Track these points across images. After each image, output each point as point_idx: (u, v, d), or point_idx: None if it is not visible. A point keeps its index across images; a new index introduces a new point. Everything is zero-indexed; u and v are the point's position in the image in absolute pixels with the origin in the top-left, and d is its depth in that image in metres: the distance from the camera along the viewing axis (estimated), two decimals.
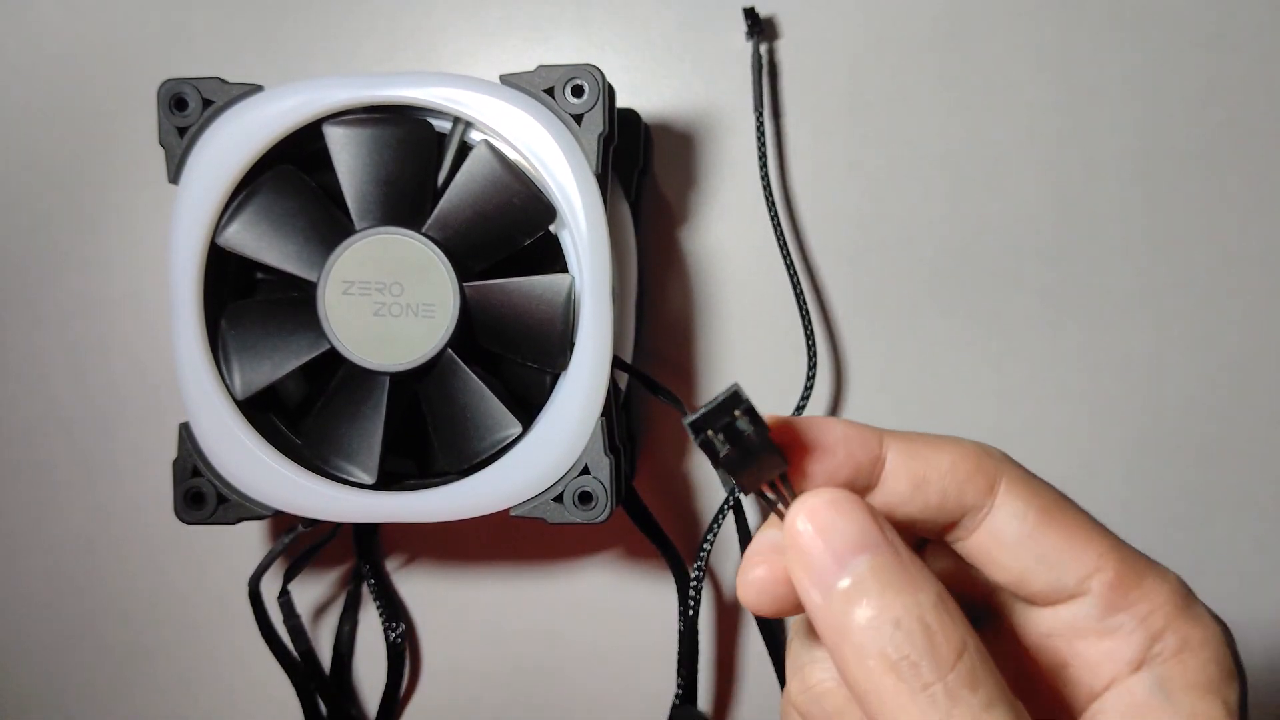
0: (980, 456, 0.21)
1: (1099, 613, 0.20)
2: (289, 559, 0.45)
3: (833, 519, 0.19)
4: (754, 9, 0.44)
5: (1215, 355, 0.44)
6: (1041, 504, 0.20)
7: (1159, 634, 0.20)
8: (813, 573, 0.19)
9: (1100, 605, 0.20)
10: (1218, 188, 0.44)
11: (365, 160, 0.37)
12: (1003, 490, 0.20)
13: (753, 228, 0.46)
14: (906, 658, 0.17)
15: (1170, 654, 0.20)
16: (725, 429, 0.20)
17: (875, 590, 0.18)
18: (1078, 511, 0.21)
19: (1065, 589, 0.20)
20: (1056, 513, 0.20)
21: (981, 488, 0.20)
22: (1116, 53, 0.45)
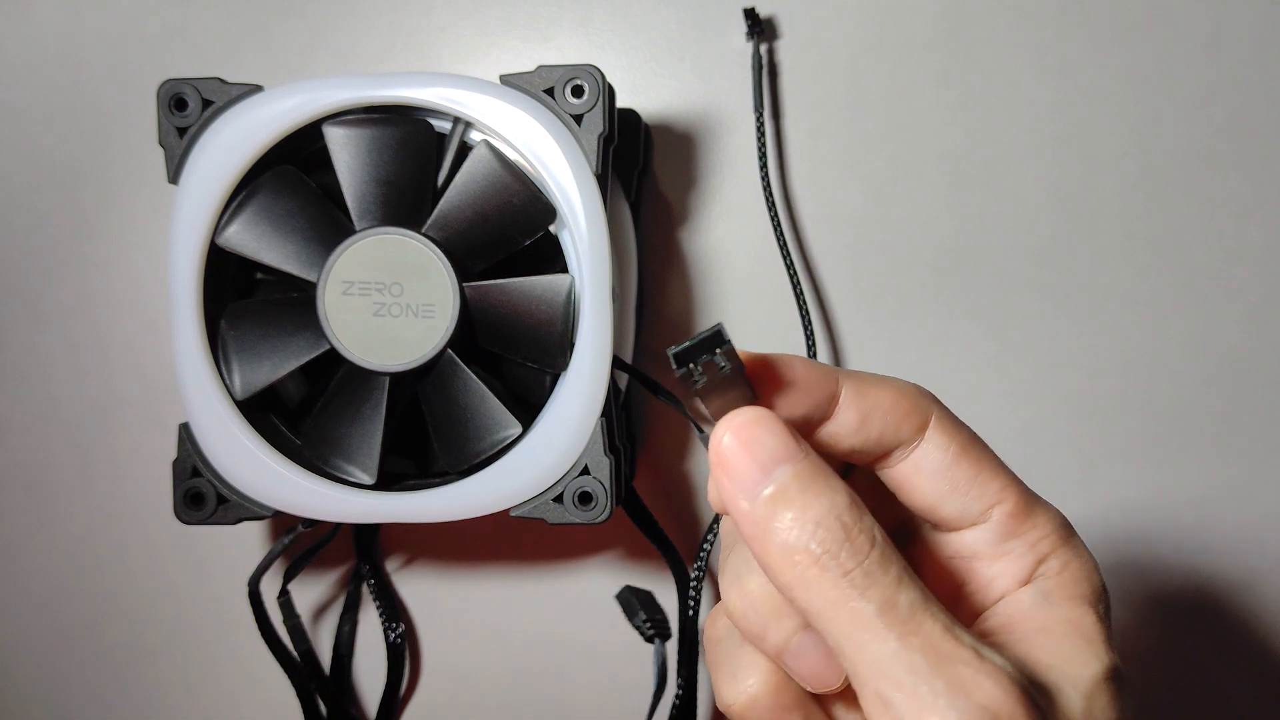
0: (917, 397, 0.24)
1: (997, 538, 0.23)
2: (289, 559, 0.45)
3: (756, 434, 0.21)
4: (754, 10, 0.44)
5: (1215, 355, 0.44)
6: (961, 441, 0.24)
7: (1044, 557, 0.23)
8: (739, 482, 0.21)
9: (998, 531, 0.23)
10: (1217, 187, 0.44)
11: (365, 160, 0.37)
12: (932, 427, 0.24)
13: (753, 228, 0.46)
14: (828, 551, 0.20)
15: (1053, 573, 0.23)
16: (705, 364, 0.22)
17: (796, 494, 0.21)
18: (989, 452, 0.24)
19: (970, 516, 0.24)
20: (973, 450, 0.24)
21: (915, 424, 0.24)
22: (1116, 53, 0.45)
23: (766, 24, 0.45)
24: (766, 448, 0.21)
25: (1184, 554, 0.45)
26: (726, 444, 0.21)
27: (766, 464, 0.21)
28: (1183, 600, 0.45)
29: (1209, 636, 0.44)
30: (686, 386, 0.22)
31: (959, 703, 0.19)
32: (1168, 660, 0.44)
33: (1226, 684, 0.44)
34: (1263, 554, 0.44)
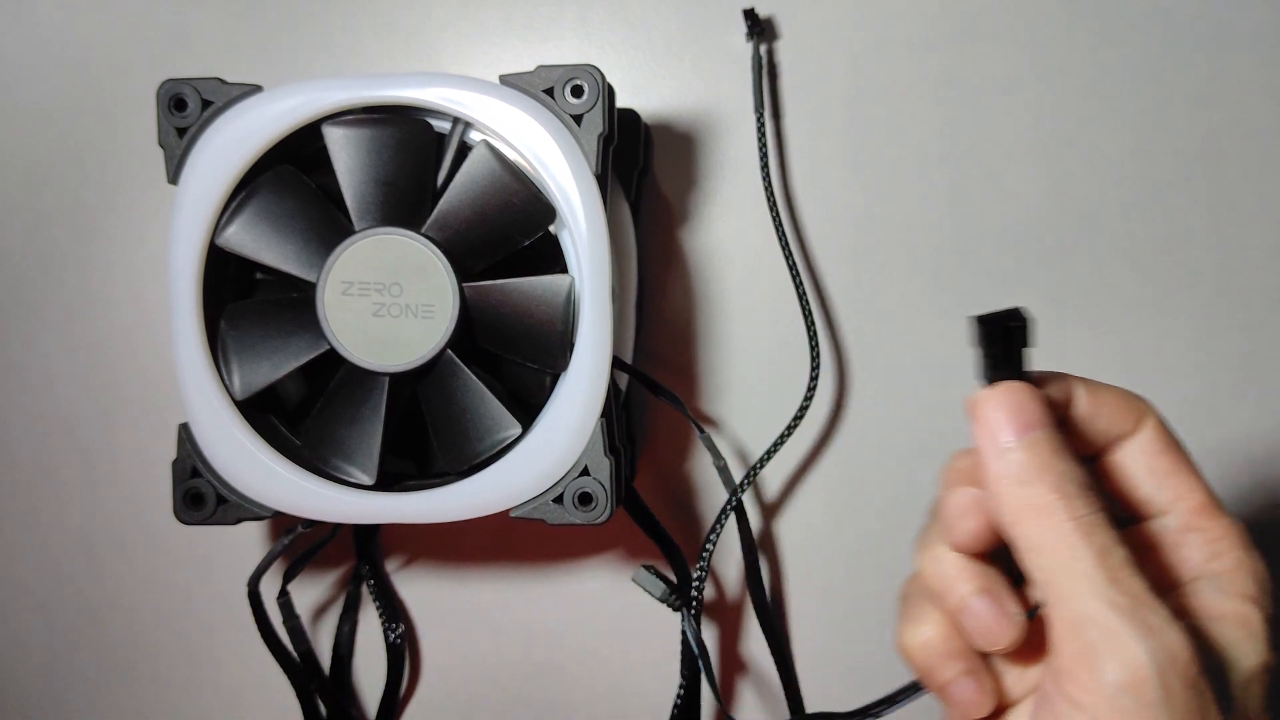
0: (1137, 399, 0.28)
1: (1178, 528, 0.27)
2: (288, 560, 0.45)
3: (1024, 399, 0.26)
4: (754, 10, 0.44)
5: (1215, 355, 0.44)
6: (1167, 441, 0.27)
7: (1220, 554, 0.26)
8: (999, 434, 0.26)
9: (1180, 522, 0.27)
10: (1218, 188, 0.44)
11: (364, 161, 0.37)
12: (1147, 423, 0.27)
13: (752, 228, 0.46)
14: (1066, 497, 0.25)
15: (1227, 570, 0.26)
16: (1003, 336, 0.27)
17: (1048, 453, 0.25)
18: (1187, 456, 0.28)
19: (1160, 504, 0.27)
20: (1174, 451, 0.27)
21: (1133, 420, 0.28)
22: (1115, 53, 0.45)
23: (766, 24, 0.45)
24: (1026, 413, 0.26)
25: None
26: (996, 403, 0.26)
27: (1028, 424, 0.26)
28: None
29: None
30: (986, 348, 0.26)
31: (1149, 641, 0.23)
32: None
33: None
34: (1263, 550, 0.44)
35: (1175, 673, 0.23)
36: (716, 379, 0.46)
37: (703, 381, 0.46)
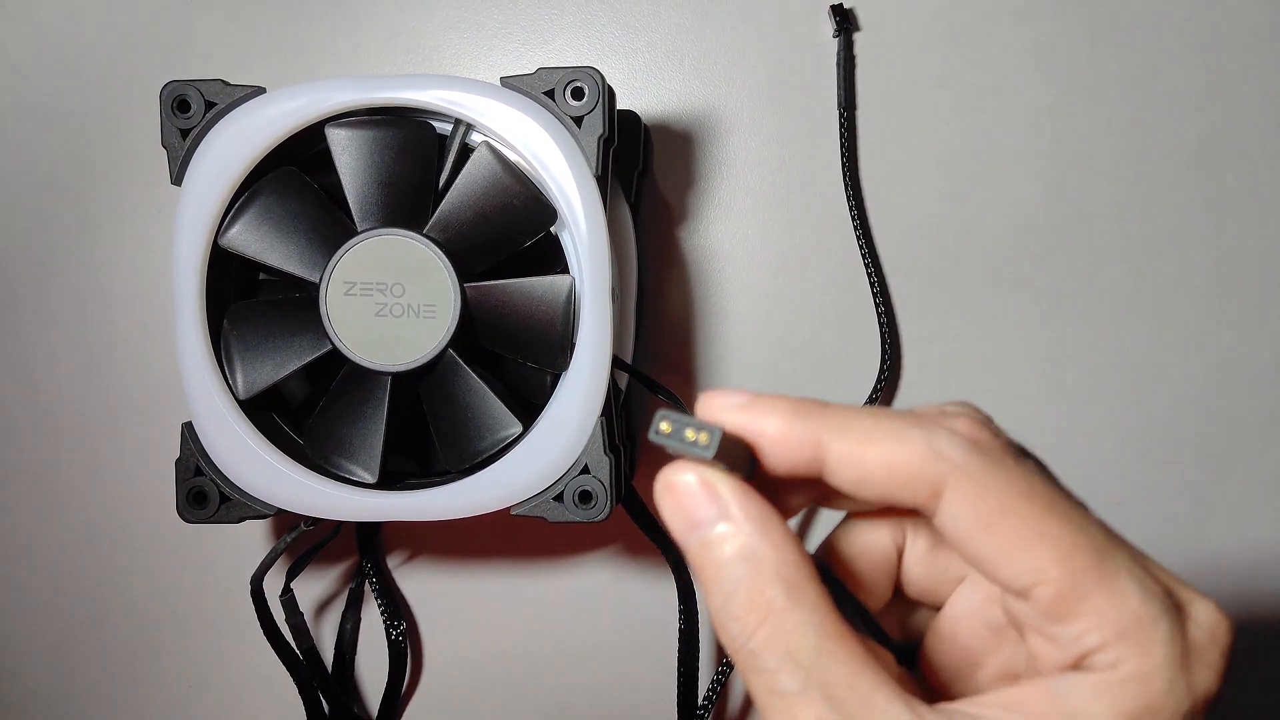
0: (924, 463, 0.20)
1: (1040, 618, 0.20)
2: (291, 557, 0.45)
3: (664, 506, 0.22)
4: (841, 4, 0.44)
5: (1211, 355, 0.44)
6: (983, 511, 0.20)
7: (1092, 651, 0.20)
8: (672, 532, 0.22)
9: (1040, 612, 0.20)
10: (1214, 188, 0.44)
11: (367, 162, 0.37)
12: (945, 496, 0.20)
13: (752, 228, 0.46)
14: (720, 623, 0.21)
15: (1097, 669, 0.20)
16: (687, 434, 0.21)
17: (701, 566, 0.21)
18: (1031, 517, 0.20)
19: (1011, 588, 0.20)
20: (1000, 520, 0.20)
21: (923, 494, 0.21)
22: (1112, 54, 0.45)
23: (850, 16, 0.45)
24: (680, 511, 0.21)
25: (1181, 553, 0.45)
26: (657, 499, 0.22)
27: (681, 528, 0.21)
28: None
29: None
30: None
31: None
32: None
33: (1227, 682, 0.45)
34: (1259, 552, 0.44)
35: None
36: (716, 379, 0.46)
37: (702, 381, 0.46)
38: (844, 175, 0.45)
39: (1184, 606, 0.20)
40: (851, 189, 0.45)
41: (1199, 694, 0.20)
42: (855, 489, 0.21)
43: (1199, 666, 0.20)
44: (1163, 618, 0.20)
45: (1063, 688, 0.20)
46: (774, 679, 0.20)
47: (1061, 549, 0.20)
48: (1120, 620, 0.19)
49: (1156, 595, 0.20)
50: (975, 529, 0.20)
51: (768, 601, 0.20)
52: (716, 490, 0.21)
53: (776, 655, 0.20)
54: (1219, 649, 0.20)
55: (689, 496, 0.21)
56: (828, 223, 0.46)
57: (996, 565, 0.20)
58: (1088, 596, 0.20)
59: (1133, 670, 0.19)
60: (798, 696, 0.20)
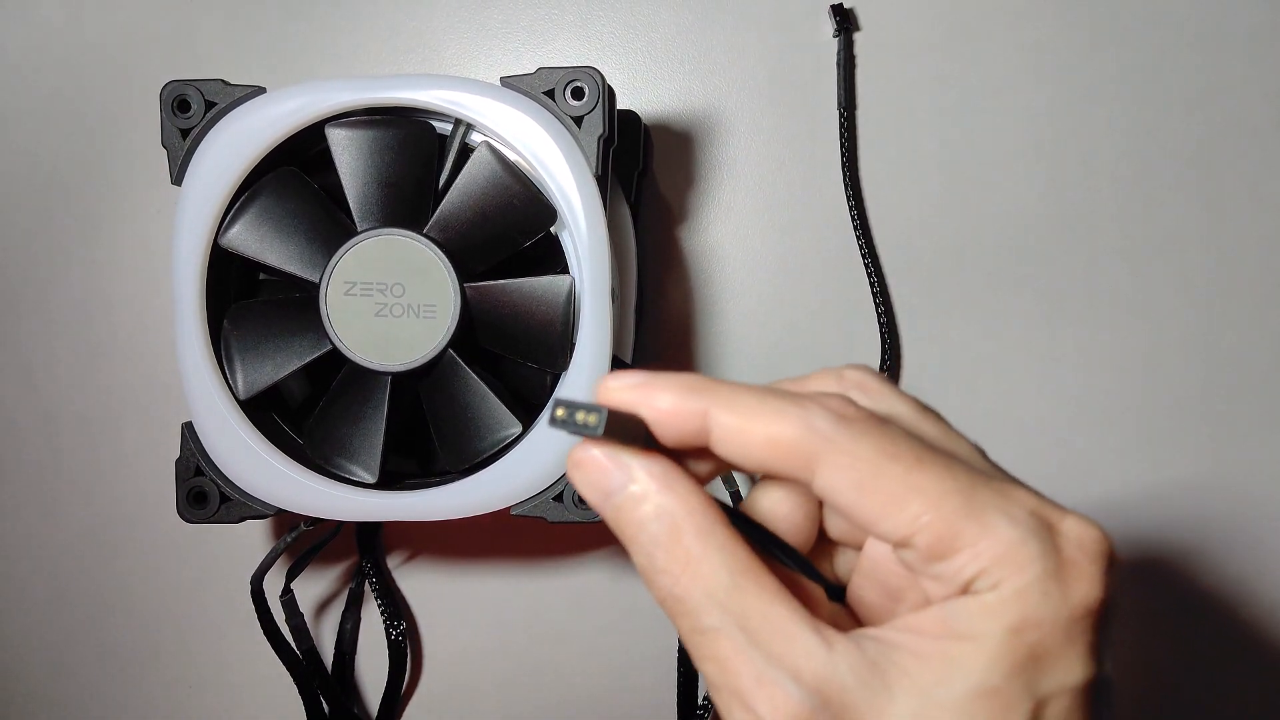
0: (799, 436, 0.22)
1: (923, 561, 0.22)
2: (291, 558, 0.45)
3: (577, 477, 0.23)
4: (841, 4, 0.44)
5: (1210, 355, 0.44)
6: (855, 478, 0.22)
7: (973, 579, 0.21)
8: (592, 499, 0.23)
9: (923, 555, 0.22)
10: (1213, 188, 0.44)
11: (367, 162, 0.37)
12: (820, 466, 0.22)
13: (752, 228, 0.46)
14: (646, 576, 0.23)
15: (979, 592, 0.21)
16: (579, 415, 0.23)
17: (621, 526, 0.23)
18: (898, 474, 0.22)
19: (895, 540, 0.22)
20: (872, 482, 0.22)
21: (799, 465, 0.22)
22: (1110, 54, 0.45)
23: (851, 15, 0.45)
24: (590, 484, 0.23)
25: (1181, 553, 0.45)
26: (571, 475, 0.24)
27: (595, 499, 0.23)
28: (1181, 599, 0.45)
29: (1207, 634, 0.45)
30: None
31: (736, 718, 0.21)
32: (1166, 659, 0.45)
33: (1227, 682, 0.45)
34: (1259, 550, 0.44)
35: None
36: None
37: None
38: (844, 175, 0.45)
39: (1054, 525, 0.22)
40: (851, 189, 0.45)
41: (1076, 602, 0.21)
42: (740, 461, 0.23)
43: (1073, 577, 0.21)
44: (1031, 538, 0.21)
45: (952, 611, 0.21)
46: (697, 619, 0.22)
47: (931, 498, 0.21)
48: (993, 548, 0.21)
49: (1021, 519, 0.21)
50: (851, 495, 0.22)
51: (685, 550, 0.22)
52: (620, 458, 0.23)
53: (697, 597, 0.22)
54: (1090, 558, 0.22)
55: (596, 468, 0.23)
56: (827, 222, 0.46)
57: (877, 524, 0.22)
58: (961, 534, 0.21)
59: (1010, 588, 0.21)
60: (718, 631, 0.22)
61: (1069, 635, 0.21)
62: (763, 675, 0.21)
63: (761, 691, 0.21)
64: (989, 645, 0.21)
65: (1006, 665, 0.21)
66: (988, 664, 0.21)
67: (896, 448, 0.22)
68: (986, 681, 0.21)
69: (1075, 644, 0.21)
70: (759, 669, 0.21)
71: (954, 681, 0.21)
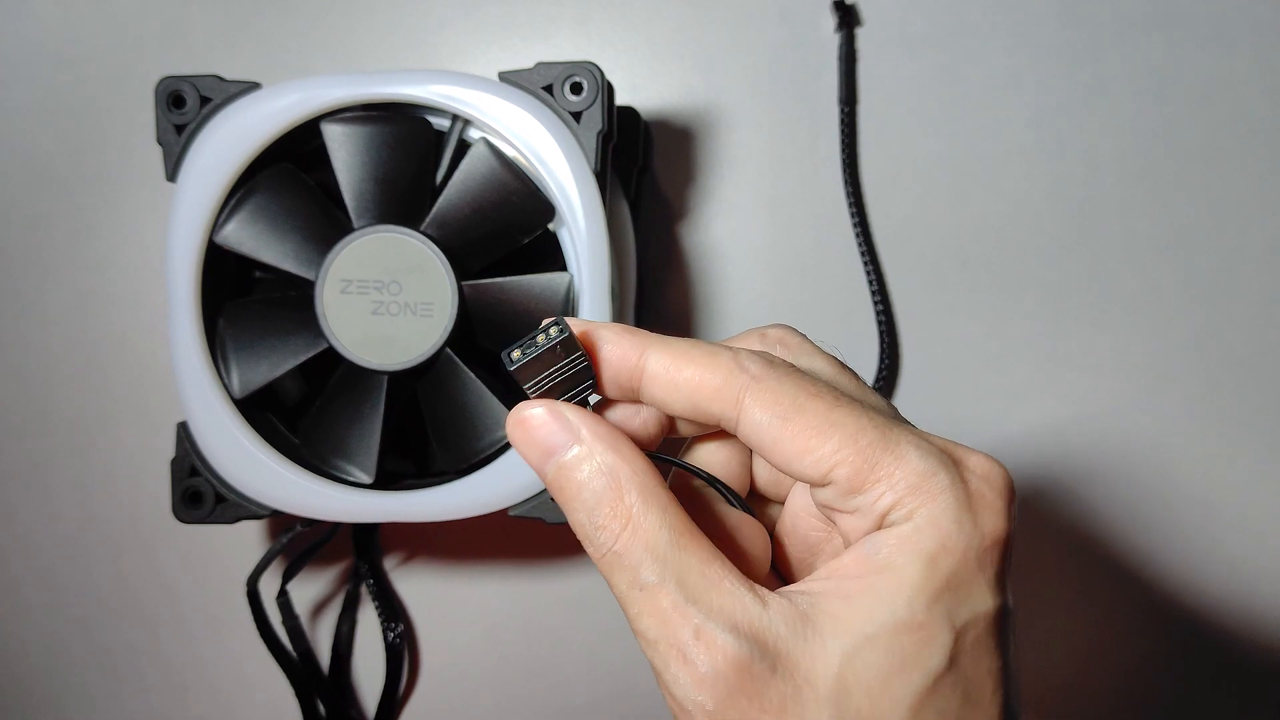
0: (728, 375, 0.24)
1: (842, 495, 0.23)
2: (287, 559, 0.45)
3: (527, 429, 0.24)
4: (843, 1, 0.44)
5: (1216, 353, 0.44)
6: (778, 413, 0.23)
7: (889, 508, 0.23)
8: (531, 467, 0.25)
9: (842, 489, 0.23)
10: (1220, 185, 0.44)
11: (363, 158, 0.37)
12: (744, 404, 0.23)
13: (752, 225, 0.45)
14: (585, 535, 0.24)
15: (896, 522, 0.23)
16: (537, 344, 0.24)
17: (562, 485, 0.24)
18: (819, 410, 0.23)
19: (814, 480, 0.23)
20: (795, 416, 0.23)
21: (727, 402, 0.24)
22: (1118, 51, 0.44)
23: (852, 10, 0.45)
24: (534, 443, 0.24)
25: (1185, 552, 0.44)
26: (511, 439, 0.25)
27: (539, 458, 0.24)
28: (1185, 599, 0.44)
29: (1210, 636, 0.44)
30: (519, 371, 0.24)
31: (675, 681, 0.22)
32: (1163, 663, 0.44)
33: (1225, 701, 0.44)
34: (1265, 552, 0.44)
35: None
36: None
37: None
38: (844, 172, 0.44)
39: (961, 460, 0.23)
40: (851, 186, 0.44)
41: (987, 532, 0.22)
42: (670, 402, 0.24)
43: (981, 508, 0.23)
44: (941, 469, 0.23)
45: (871, 547, 0.23)
46: (635, 574, 0.23)
47: (849, 431, 0.23)
48: (907, 478, 0.22)
49: (933, 453, 0.23)
50: (775, 429, 0.23)
51: (628, 508, 0.23)
52: (565, 418, 0.24)
53: (637, 552, 0.23)
54: (996, 491, 0.23)
55: (540, 427, 0.24)
56: (828, 219, 0.45)
57: (801, 459, 0.23)
58: (878, 465, 0.23)
59: (925, 516, 0.22)
60: (657, 586, 0.22)
61: (980, 564, 0.22)
62: (701, 628, 0.22)
63: (700, 643, 0.22)
64: (909, 575, 0.22)
65: (927, 595, 0.22)
66: (910, 595, 0.22)
67: (817, 387, 0.24)
68: (910, 613, 0.22)
69: (985, 573, 0.22)
70: (697, 622, 0.22)
71: (878, 616, 0.22)
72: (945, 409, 0.45)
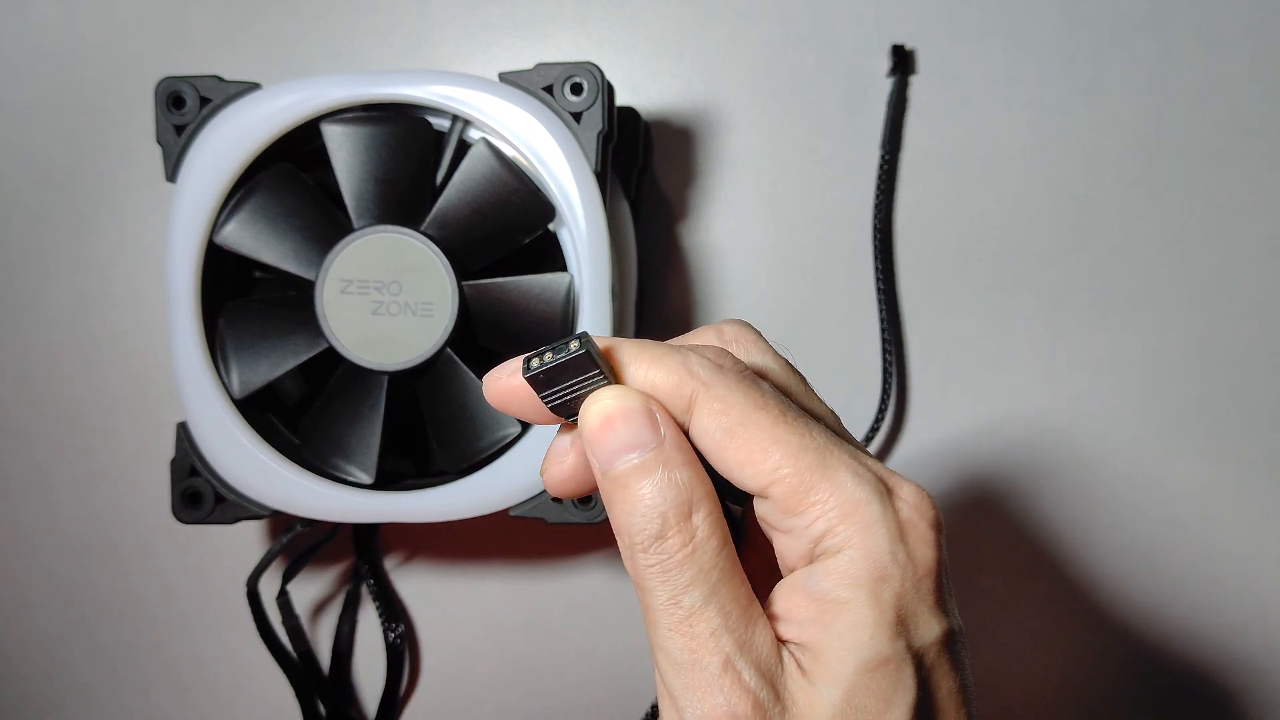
0: (681, 379, 0.24)
1: (778, 514, 0.23)
2: (287, 559, 0.45)
3: (615, 419, 0.23)
4: (902, 46, 0.44)
5: (1216, 352, 0.44)
6: (725, 422, 0.23)
7: (821, 536, 0.23)
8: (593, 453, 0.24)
9: (779, 508, 0.23)
10: (1219, 185, 0.44)
11: (363, 158, 0.37)
12: (695, 411, 0.24)
13: (753, 225, 0.45)
14: (640, 542, 0.23)
15: (830, 553, 0.23)
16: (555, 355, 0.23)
17: (633, 483, 0.23)
18: (765, 424, 0.23)
19: (753, 491, 0.24)
20: (739, 429, 0.23)
21: (679, 408, 0.24)
22: (1118, 51, 0.44)
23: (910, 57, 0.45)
24: (618, 434, 0.23)
25: (1185, 553, 0.44)
26: (591, 421, 0.24)
27: (616, 449, 0.23)
28: (1186, 598, 0.44)
29: (1211, 636, 0.44)
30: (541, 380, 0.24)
31: (689, 706, 0.22)
32: (1166, 670, 0.44)
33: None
34: (1262, 552, 0.44)
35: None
36: None
37: None
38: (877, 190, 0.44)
39: (893, 489, 0.24)
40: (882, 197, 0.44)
41: (919, 562, 0.23)
42: None
43: (913, 538, 0.23)
44: (875, 499, 0.23)
45: (813, 583, 0.23)
46: (680, 593, 0.23)
47: (790, 450, 0.23)
48: (841, 505, 0.23)
49: (868, 480, 0.23)
50: (721, 438, 0.23)
51: (693, 528, 0.23)
52: (655, 418, 0.24)
53: (690, 573, 0.23)
54: (926, 521, 0.23)
55: (628, 420, 0.23)
56: (829, 219, 0.45)
57: (742, 470, 0.23)
58: (814, 489, 0.23)
59: (859, 547, 0.23)
60: (699, 611, 0.23)
61: (918, 592, 0.23)
62: (730, 662, 0.22)
63: (725, 676, 0.22)
64: (860, 611, 0.22)
65: (885, 628, 0.22)
66: (871, 630, 0.22)
67: (765, 399, 0.24)
68: (875, 649, 0.22)
69: (926, 600, 0.23)
70: (728, 654, 0.22)
71: (848, 659, 0.22)
72: (947, 408, 0.45)
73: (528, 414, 0.25)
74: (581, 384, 0.24)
